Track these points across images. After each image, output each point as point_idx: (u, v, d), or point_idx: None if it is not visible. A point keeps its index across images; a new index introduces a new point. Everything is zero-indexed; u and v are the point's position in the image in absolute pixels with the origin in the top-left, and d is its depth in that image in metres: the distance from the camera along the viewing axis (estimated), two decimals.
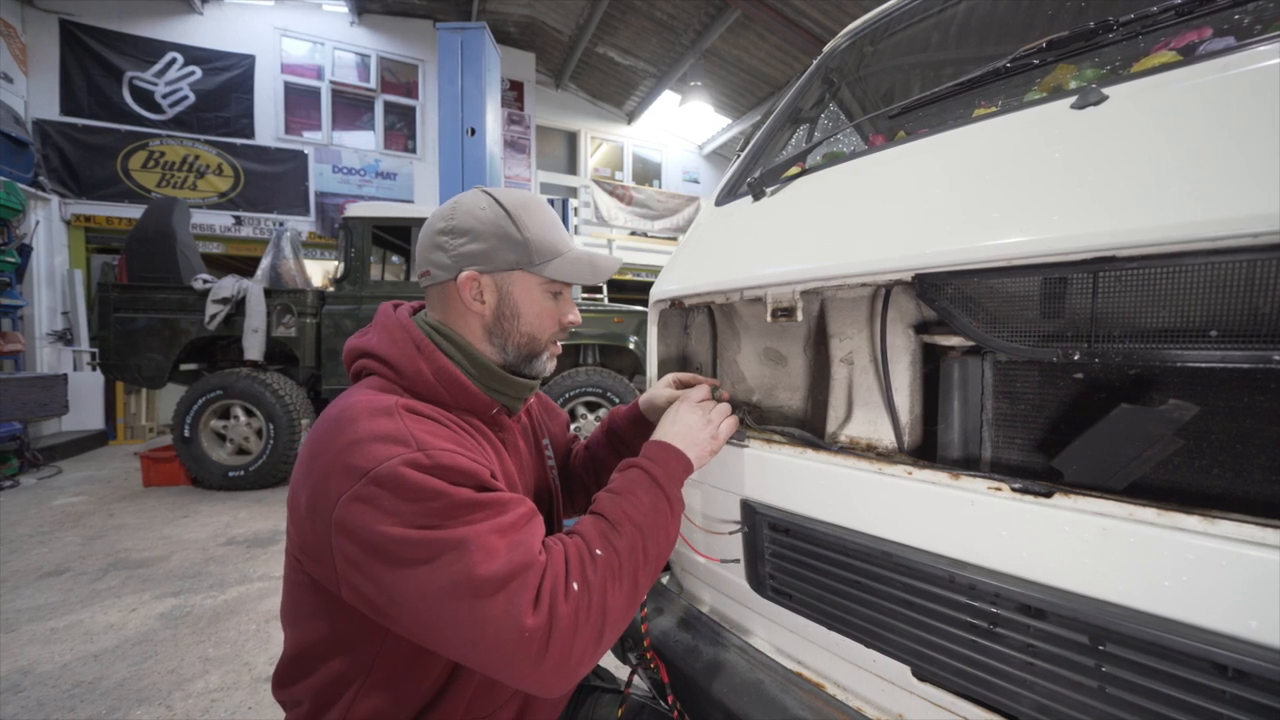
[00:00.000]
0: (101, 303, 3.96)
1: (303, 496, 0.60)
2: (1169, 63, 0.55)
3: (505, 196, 0.73)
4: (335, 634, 0.64)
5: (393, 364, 0.68)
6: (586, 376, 4.03)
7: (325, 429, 0.61)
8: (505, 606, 0.52)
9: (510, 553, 0.55)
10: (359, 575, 0.56)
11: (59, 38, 6.14)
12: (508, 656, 0.53)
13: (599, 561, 0.60)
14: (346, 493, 0.55)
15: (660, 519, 0.68)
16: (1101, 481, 0.53)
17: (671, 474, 0.72)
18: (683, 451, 0.75)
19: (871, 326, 0.79)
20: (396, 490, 0.54)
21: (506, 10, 7.62)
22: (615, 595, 0.59)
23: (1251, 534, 0.41)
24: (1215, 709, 0.42)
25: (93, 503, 3.76)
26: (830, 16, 6.16)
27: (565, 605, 0.55)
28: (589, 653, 0.56)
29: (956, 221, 0.61)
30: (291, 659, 0.68)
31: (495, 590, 0.53)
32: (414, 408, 0.63)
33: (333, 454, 0.58)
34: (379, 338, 0.70)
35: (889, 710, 0.69)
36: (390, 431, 0.58)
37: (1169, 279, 0.48)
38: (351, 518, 0.55)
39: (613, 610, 0.59)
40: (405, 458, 0.55)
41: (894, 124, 1.16)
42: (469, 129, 3.56)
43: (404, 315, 0.73)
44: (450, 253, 0.70)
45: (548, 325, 0.76)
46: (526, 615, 0.52)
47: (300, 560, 0.64)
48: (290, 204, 7.09)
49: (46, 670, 1.85)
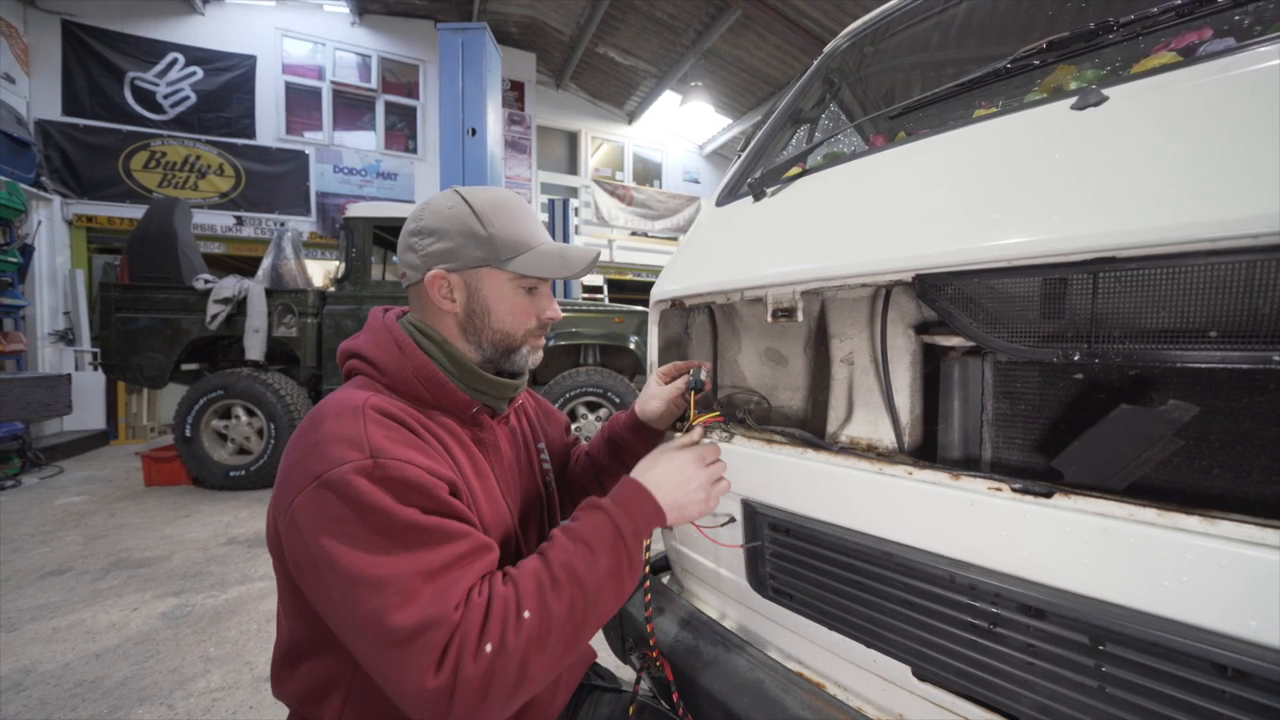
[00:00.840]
0: (103, 303, 3.97)
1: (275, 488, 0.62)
2: (1169, 64, 0.55)
3: (474, 194, 0.73)
4: (313, 634, 0.65)
5: (375, 362, 0.70)
6: (587, 377, 4.03)
7: (301, 427, 0.63)
8: (411, 661, 0.51)
9: (428, 603, 0.53)
10: (298, 575, 0.59)
11: (61, 38, 6.15)
12: (412, 706, 0.52)
13: (524, 626, 0.55)
14: (301, 492, 0.56)
15: (613, 582, 0.61)
16: (1102, 482, 0.53)
17: (638, 528, 0.64)
18: (657, 501, 0.66)
19: (872, 327, 0.79)
20: (342, 497, 0.55)
21: (507, 10, 7.62)
22: (536, 662, 0.55)
23: (1251, 534, 0.41)
24: (1215, 709, 0.42)
25: (94, 502, 3.76)
26: (831, 17, 6.16)
27: (473, 667, 0.51)
28: (501, 711, 0.54)
29: (957, 222, 0.61)
30: (282, 657, 0.69)
31: (401, 643, 0.51)
32: (383, 408, 0.62)
33: (299, 452, 0.60)
34: (365, 339, 0.72)
35: (889, 710, 0.70)
36: (350, 434, 0.58)
37: (1169, 280, 0.48)
38: (298, 516, 0.56)
39: (531, 674, 0.55)
40: (357, 465, 0.56)
41: (894, 124, 1.16)
42: (470, 129, 3.57)
43: (390, 318, 0.75)
44: (420, 253, 0.71)
45: (521, 321, 0.75)
46: (428, 676, 0.51)
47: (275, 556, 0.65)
48: (291, 204, 7.10)
49: (49, 669, 1.85)
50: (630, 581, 0.63)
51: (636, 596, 1.01)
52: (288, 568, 0.62)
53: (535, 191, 8.71)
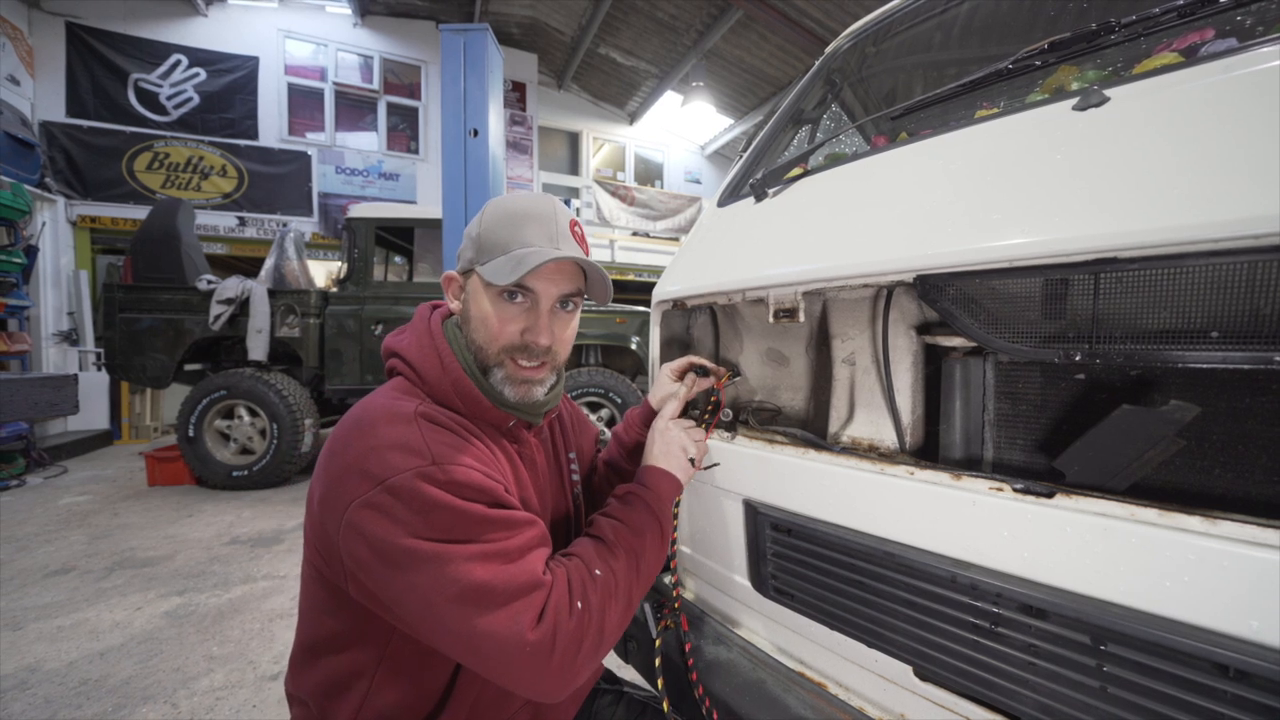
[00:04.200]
0: (107, 303, 3.99)
1: (317, 492, 0.62)
2: (1171, 64, 0.55)
3: (501, 200, 0.73)
4: (345, 630, 0.66)
5: (418, 371, 0.69)
6: (589, 377, 4.03)
7: (347, 429, 0.62)
8: (508, 621, 0.55)
9: (515, 572, 0.57)
10: (367, 576, 0.58)
11: (65, 40, 6.17)
12: (511, 667, 0.55)
13: (598, 582, 0.63)
14: (360, 497, 0.56)
15: (652, 541, 0.72)
16: (1103, 482, 0.53)
17: (662, 495, 0.77)
18: (673, 475, 0.80)
19: (873, 327, 0.79)
20: (409, 502, 0.56)
21: (509, 11, 7.63)
22: (612, 613, 0.63)
23: (1253, 534, 0.41)
24: (1217, 709, 0.42)
25: (98, 502, 3.78)
26: (832, 17, 6.15)
27: (570, 622, 0.58)
28: (588, 664, 0.60)
29: (958, 223, 0.61)
30: (304, 651, 0.69)
31: (499, 605, 0.55)
32: (433, 416, 0.63)
33: (351, 456, 0.59)
34: (409, 340, 0.72)
35: (891, 710, 0.70)
36: (408, 441, 0.59)
37: (1170, 280, 0.48)
38: (363, 522, 0.56)
39: (609, 626, 0.62)
40: (420, 470, 0.57)
41: (896, 125, 1.16)
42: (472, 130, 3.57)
43: (435, 321, 0.73)
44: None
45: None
46: (528, 631, 0.55)
47: (313, 553, 0.65)
48: (294, 205, 7.11)
49: (53, 668, 1.86)
50: (666, 538, 0.75)
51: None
52: (330, 566, 0.62)
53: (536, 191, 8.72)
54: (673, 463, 0.81)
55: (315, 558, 0.65)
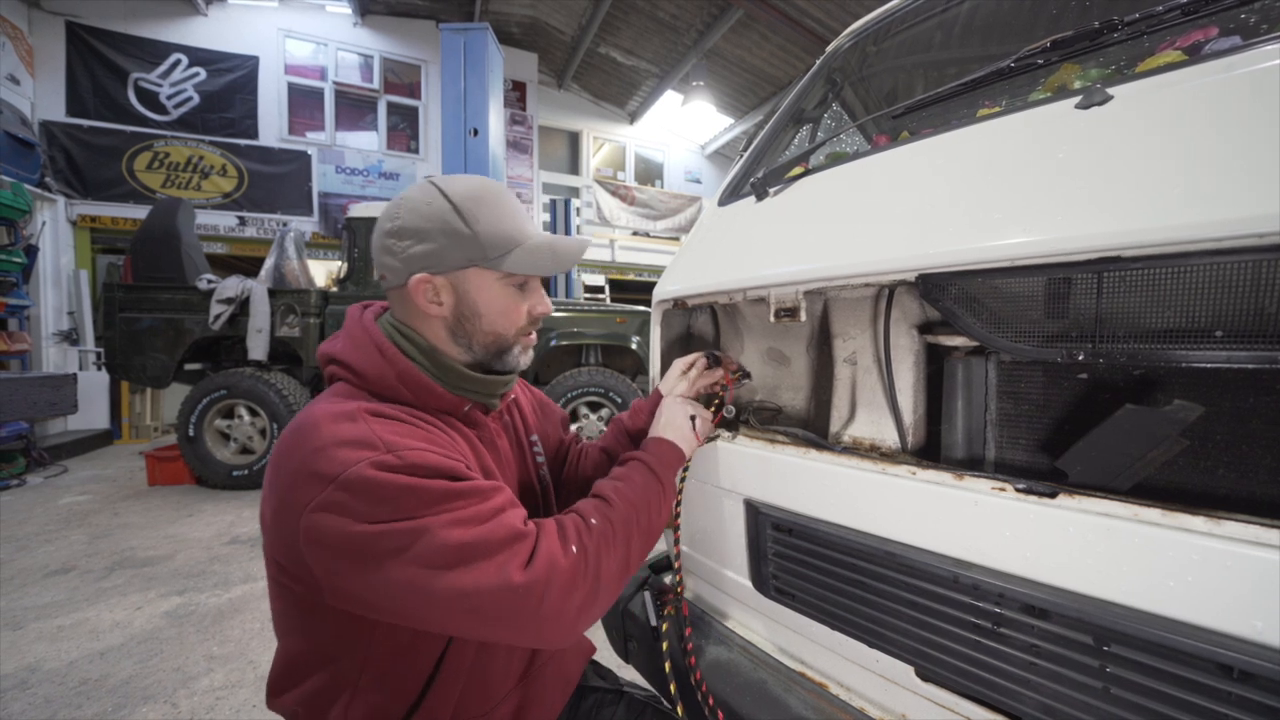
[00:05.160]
0: (107, 303, 3.98)
1: (269, 509, 0.59)
2: (1174, 62, 0.55)
3: (454, 187, 0.68)
4: (316, 647, 0.65)
5: (356, 369, 0.66)
6: (589, 376, 4.03)
7: (289, 439, 0.59)
8: (495, 571, 0.54)
9: (493, 528, 0.57)
10: (342, 579, 0.55)
11: (65, 40, 6.17)
12: (506, 614, 0.55)
13: (594, 530, 0.64)
14: (315, 500, 0.54)
15: (652, 495, 0.73)
16: (1106, 482, 0.53)
17: (664, 461, 0.78)
18: (676, 444, 0.81)
19: (875, 327, 0.79)
20: (368, 493, 0.53)
21: (509, 11, 7.62)
22: (609, 560, 0.63)
23: (1257, 535, 0.41)
24: (1220, 710, 0.42)
25: (98, 501, 3.78)
26: (833, 16, 6.15)
27: (564, 562, 0.58)
28: (585, 611, 0.60)
29: (960, 222, 0.61)
30: (281, 669, 0.68)
31: (483, 558, 0.54)
32: (379, 410, 0.61)
33: (297, 462, 0.56)
34: (344, 343, 0.69)
35: (892, 710, 0.69)
36: (355, 436, 0.56)
37: (1174, 279, 0.48)
38: (322, 525, 0.53)
39: (606, 573, 0.62)
40: (373, 459, 0.54)
41: (897, 124, 1.16)
42: (472, 129, 3.57)
43: (369, 318, 0.71)
44: (399, 256, 0.67)
45: (513, 320, 0.72)
46: (515, 574, 0.55)
47: (277, 572, 0.63)
48: (294, 204, 7.11)
49: (53, 667, 1.86)
50: (669, 498, 0.77)
51: (638, 597, 1.01)
52: (301, 581, 0.60)
53: (537, 191, 8.71)
54: (677, 433, 0.83)
55: (281, 576, 0.62)
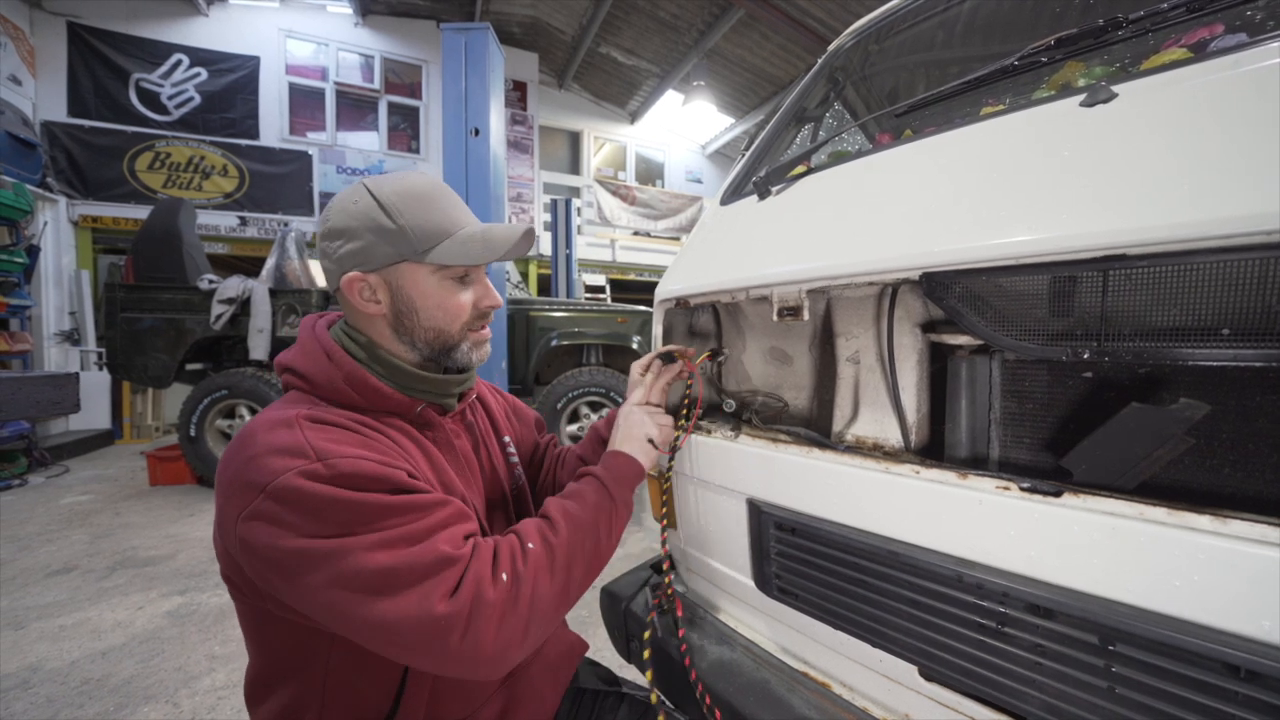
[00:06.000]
0: (108, 303, 3.98)
1: (217, 517, 0.60)
2: (1179, 60, 0.55)
3: (382, 185, 0.68)
4: (276, 659, 0.65)
5: (306, 375, 0.67)
6: (590, 376, 4.03)
7: (230, 447, 0.60)
8: (418, 601, 0.53)
9: (421, 552, 0.55)
10: (275, 590, 0.56)
11: (66, 40, 6.18)
12: (430, 646, 0.53)
13: (530, 555, 0.61)
14: (246, 509, 0.54)
15: (602, 515, 0.71)
16: (1111, 481, 0.52)
17: (619, 477, 0.76)
18: (631, 456, 0.79)
19: (878, 325, 0.79)
20: (296, 504, 0.53)
21: (510, 11, 7.63)
22: (544, 588, 0.60)
23: (1264, 534, 0.41)
24: (1227, 710, 0.42)
25: (100, 501, 3.78)
26: (834, 15, 6.14)
27: (491, 592, 0.56)
28: (514, 644, 0.57)
29: (964, 220, 0.60)
30: (250, 681, 0.69)
31: (406, 586, 0.53)
32: (319, 416, 0.61)
33: (233, 470, 0.57)
34: (295, 351, 0.70)
35: (895, 710, 0.69)
36: (286, 444, 0.56)
37: (1180, 277, 0.48)
38: (252, 534, 0.54)
39: (541, 602, 0.60)
40: (302, 470, 0.54)
41: (900, 123, 1.15)
42: (473, 129, 3.57)
43: (320, 326, 0.72)
44: (331, 257, 0.68)
45: (454, 315, 0.71)
46: (438, 604, 0.53)
47: (230, 586, 0.64)
48: (295, 204, 7.11)
49: (55, 667, 1.86)
50: (621, 518, 0.74)
51: (640, 596, 1.01)
52: (247, 593, 0.61)
53: (538, 191, 8.72)
54: (632, 445, 0.81)
55: (231, 587, 0.63)
